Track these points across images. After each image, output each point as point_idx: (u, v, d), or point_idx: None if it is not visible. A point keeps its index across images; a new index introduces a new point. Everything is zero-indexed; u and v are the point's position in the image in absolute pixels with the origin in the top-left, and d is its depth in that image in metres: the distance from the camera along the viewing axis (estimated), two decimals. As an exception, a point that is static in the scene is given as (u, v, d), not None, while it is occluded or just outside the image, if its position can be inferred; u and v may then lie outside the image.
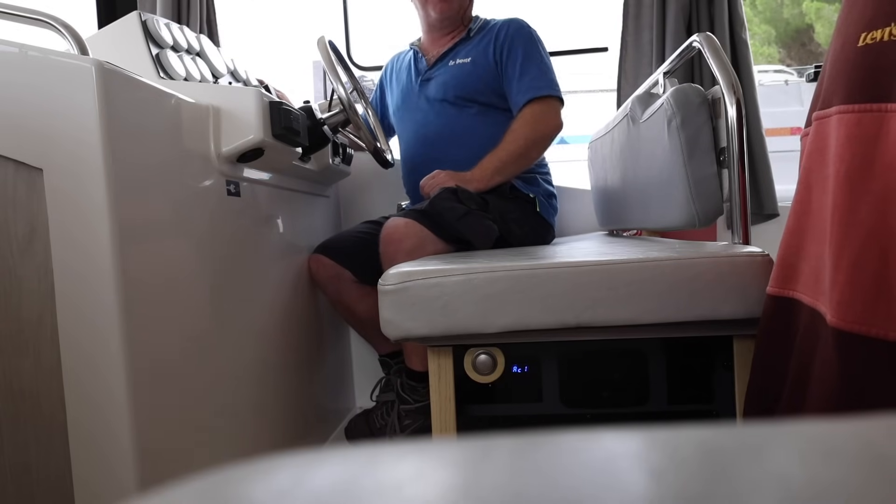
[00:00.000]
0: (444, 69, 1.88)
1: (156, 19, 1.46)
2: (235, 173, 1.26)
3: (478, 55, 1.84)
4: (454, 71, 1.86)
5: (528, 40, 1.83)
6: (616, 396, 1.12)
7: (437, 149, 1.80)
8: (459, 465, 0.20)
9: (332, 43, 1.60)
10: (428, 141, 1.85)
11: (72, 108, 0.88)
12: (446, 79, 1.86)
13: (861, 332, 0.69)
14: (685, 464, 0.19)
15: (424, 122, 1.87)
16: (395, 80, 2.03)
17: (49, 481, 0.91)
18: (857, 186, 0.71)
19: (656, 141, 1.31)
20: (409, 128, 1.93)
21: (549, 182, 1.91)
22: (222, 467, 0.21)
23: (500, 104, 1.84)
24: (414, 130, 1.91)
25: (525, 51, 1.81)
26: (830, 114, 0.78)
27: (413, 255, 1.46)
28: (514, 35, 1.83)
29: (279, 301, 1.50)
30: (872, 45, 0.73)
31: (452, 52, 1.89)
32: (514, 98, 1.80)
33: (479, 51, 1.85)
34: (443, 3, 1.86)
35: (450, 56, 1.89)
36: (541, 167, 1.89)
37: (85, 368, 0.89)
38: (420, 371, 1.62)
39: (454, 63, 1.87)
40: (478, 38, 1.88)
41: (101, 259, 0.88)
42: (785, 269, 0.87)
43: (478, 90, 1.83)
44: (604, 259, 1.04)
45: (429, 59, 1.93)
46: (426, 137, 1.86)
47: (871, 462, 0.19)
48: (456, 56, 1.87)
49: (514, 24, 1.86)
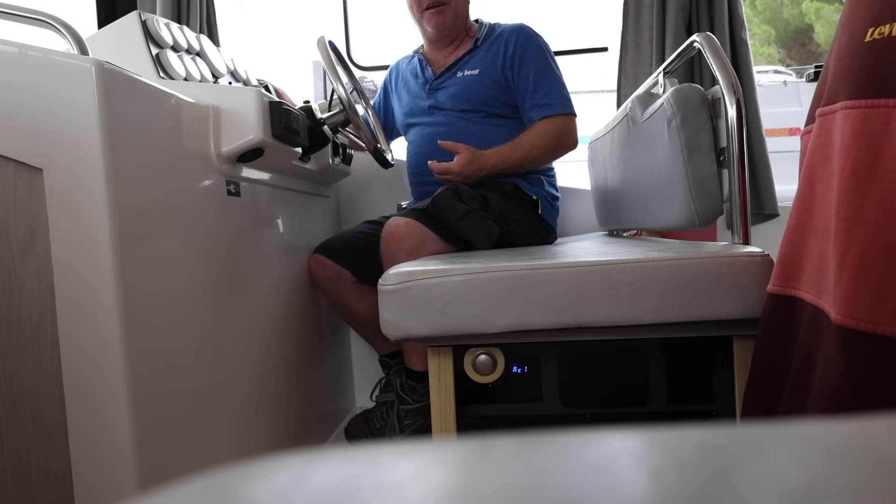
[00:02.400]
0: (453, 80, 1.88)
1: (156, 19, 1.46)
2: (235, 173, 1.26)
3: (486, 66, 1.84)
4: (463, 82, 1.86)
5: (538, 52, 1.84)
6: (616, 396, 1.12)
7: (445, 155, 1.80)
8: (459, 465, 0.20)
9: (332, 43, 1.60)
10: (436, 147, 1.85)
11: (72, 108, 0.88)
12: (455, 91, 1.86)
13: (867, 330, 0.68)
14: (685, 464, 0.19)
15: (432, 129, 1.88)
16: (402, 84, 2.03)
17: (49, 481, 0.91)
18: (864, 182, 0.70)
19: (656, 141, 1.31)
20: (417, 133, 1.93)
21: (554, 185, 1.92)
22: (222, 467, 0.21)
23: (508, 113, 1.84)
24: (422, 136, 1.91)
25: (537, 64, 1.82)
26: (835, 109, 0.77)
27: (413, 255, 1.46)
28: (524, 45, 1.83)
29: (279, 301, 1.50)
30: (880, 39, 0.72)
31: (460, 62, 1.89)
32: (528, 112, 1.81)
33: (486, 62, 1.85)
34: (436, 17, 1.86)
35: (457, 67, 1.89)
36: (546, 169, 1.90)
37: (85, 368, 0.89)
38: (420, 371, 1.62)
39: (462, 75, 1.87)
40: (485, 48, 1.88)
41: (101, 259, 0.88)
42: (787, 267, 0.86)
43: (485, 101, 1.83)
44: (604, 259, 1.04)
45: (435, 69, 1.94)
46: (434, 144, 1.86)
47: (871, 462, 0.19)
48: (464, 67, 1.88)
49: (523, 34, 1.85)
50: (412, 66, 2.01)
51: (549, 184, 1.89)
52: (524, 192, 1.79)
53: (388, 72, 2.13)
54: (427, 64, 1.96)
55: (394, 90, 2.07)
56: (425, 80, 1.94)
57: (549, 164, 1.88)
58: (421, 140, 1.91)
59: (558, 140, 1.80)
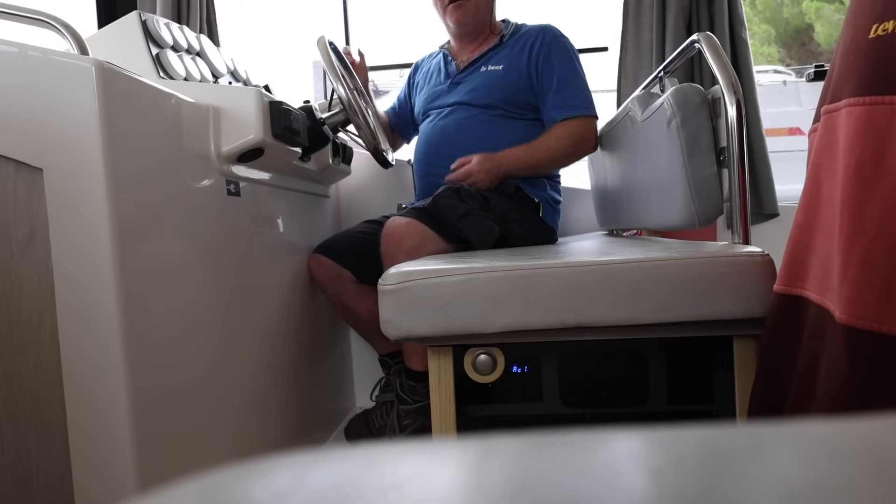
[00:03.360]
0: (476, 74, 1.88)
1: (156, 19, 1.46)
2: (235, 173, 1.26)
3: (510, 63, 1.84)
4: (485, 77, 1.85)
5: (565, 53, 1.83)
6: (616, 396, 1.12)
7: (457, 151, 1.79)
8: (459, 465, 0.20)
9: (333, 43, 1.60)
10: (449, 142, 1.84)
11: (72, 108, 0.88)
12: (476, 84, 1.86)
13: (872, 329, 0.68)
14: (685, 464, 0.19)
15: (448, 123, 1.87)
16: (424, 80, 2.03)
17: (49, 482, 0.91)
18: (869, 180, 0.69)
19: (656, 141, 1.31)
20: (431, 127, 1.92)
21: (557, 189, 1.91)
22: (222, 467, 0.21)
23: (525, 114, 1.84)
24: (432, 128, 1.90)
25: (562, 64, 1.81)
26: (840, 107, 0.76)
27: (414, 255, 1.46)
28: (550, 46, 1.82)
29: (279, 301, 1.50)
30: (884, 36, 0.71)
31: (484, 57, 1.89)
32: (549, 112, 1.80)
33: (511, 58, 1.85)
34: (457, 12, 1.86)
35: (482, 62, 1.89)
36: (553, 179, 1.90)
37: (85, 369, 0.89)
38: (419, 371, 1.62)
39: (486, 69, 1.87)
40: (510, 44, 1.87)
41: (101, 259, 0.88)
42: (793, 266, 0.86)
43: (505, 98, 1.82)
44: (604, 259, 1.04)
45: (459, 64, 1.93)
46: (447, 139, 1.85)
47: (873, 463, 0.19)
48: (488, 62, 1.87)
49: (549, 34, 1.85)
50: (437, 60, 2.01)
51: (552, 187, 1.88)
52: (526, 193, 1.79)
53: (412, 68, 2.13)
54: (451, 58, 1.96)
55: (416, 86, 2.07)
56: (448, 73, 1.94)
57: (567, 166, 1.87)
58: (431, 131, 1.90)
59: (577, 142, 1.79)
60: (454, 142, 1.82)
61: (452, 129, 1.84)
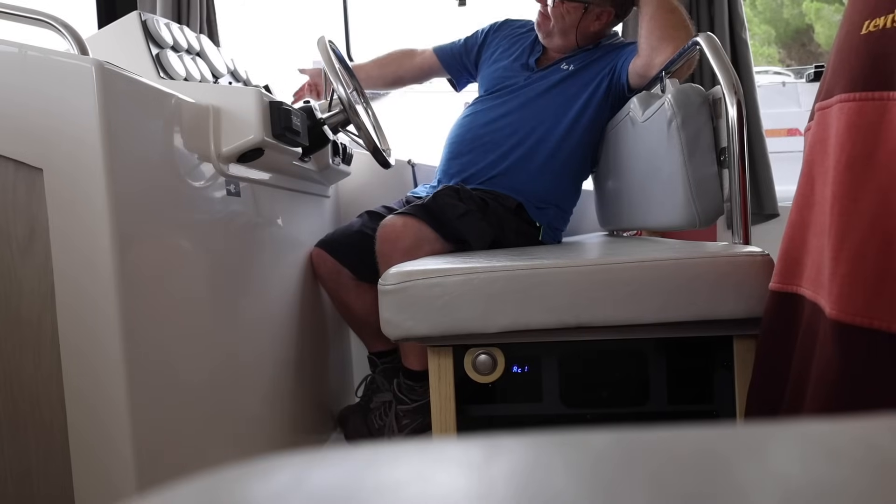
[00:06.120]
0: (555, 69, 1.85)
1: (156, 19, 1.46)
2: (235, 173, 1.26)
3: (589, 71, 1.81)
4: (561, 75, 1.83)
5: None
6: (616, 396, 1.12)
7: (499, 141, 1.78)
8: (459, 465, 0.20)
9: (332, 43, 1.60)
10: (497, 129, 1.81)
11: (72, 108, 0.88)
12: (550, 84, 1.82)
13: (862, 325, 0.67)
14: (685, 464, 0.19)
15: (506, 110, 1.83)
16: (506, 42, 1.96)
17: (49, 483, 0.91)
18: (859, 176, 0.69)
19: (657, 141, 1.31)
20: (475, 110, 1.89)
21: (565, 218, 1.88)
22: (222, 467, 0.21)
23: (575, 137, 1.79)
24: (475, 116, 1.87)
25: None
26: (832, 103, 0.76)
27: (410, 254, 1.46)
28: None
29: (278, 303, 1.50)
30: (875, 32, 0.71)
31: (569, 57, 1.85)
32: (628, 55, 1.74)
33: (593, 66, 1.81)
34: (538, 18, 1.84)
35: (564, 59, 1.85)
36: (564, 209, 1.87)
37: (85, 370, 0.89)
38: (417, 370, 1.62)
39: (566, 68, 1.83)
40: (602, 51, 1.84)
41: (101, 259, 0.88)
42: (788, 263, 0.86)
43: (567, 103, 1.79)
44: (604, 259, 1.04)
45: (542, 60, 1.89)
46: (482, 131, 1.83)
47: (872, 463, 0.19)
48: (571, 62, 1.84)
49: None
50: (528, 37, 1.94)
51: (559, 216, 1.85)
52: (529, 214, 1.76)
53: (496, 23, 2.04)
54: (540, 47, 1.90)
55: (489, 44, 2.00)
56: (527, 63, 1.89)
57: (662, 47, 1.62)
58: (475, 117, 1.86)
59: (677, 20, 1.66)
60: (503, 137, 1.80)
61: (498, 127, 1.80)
